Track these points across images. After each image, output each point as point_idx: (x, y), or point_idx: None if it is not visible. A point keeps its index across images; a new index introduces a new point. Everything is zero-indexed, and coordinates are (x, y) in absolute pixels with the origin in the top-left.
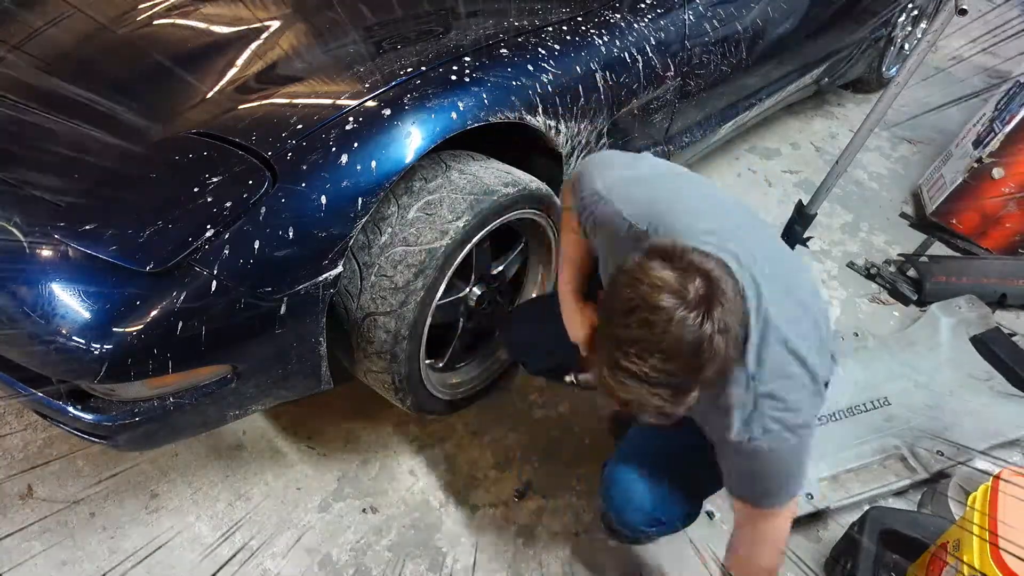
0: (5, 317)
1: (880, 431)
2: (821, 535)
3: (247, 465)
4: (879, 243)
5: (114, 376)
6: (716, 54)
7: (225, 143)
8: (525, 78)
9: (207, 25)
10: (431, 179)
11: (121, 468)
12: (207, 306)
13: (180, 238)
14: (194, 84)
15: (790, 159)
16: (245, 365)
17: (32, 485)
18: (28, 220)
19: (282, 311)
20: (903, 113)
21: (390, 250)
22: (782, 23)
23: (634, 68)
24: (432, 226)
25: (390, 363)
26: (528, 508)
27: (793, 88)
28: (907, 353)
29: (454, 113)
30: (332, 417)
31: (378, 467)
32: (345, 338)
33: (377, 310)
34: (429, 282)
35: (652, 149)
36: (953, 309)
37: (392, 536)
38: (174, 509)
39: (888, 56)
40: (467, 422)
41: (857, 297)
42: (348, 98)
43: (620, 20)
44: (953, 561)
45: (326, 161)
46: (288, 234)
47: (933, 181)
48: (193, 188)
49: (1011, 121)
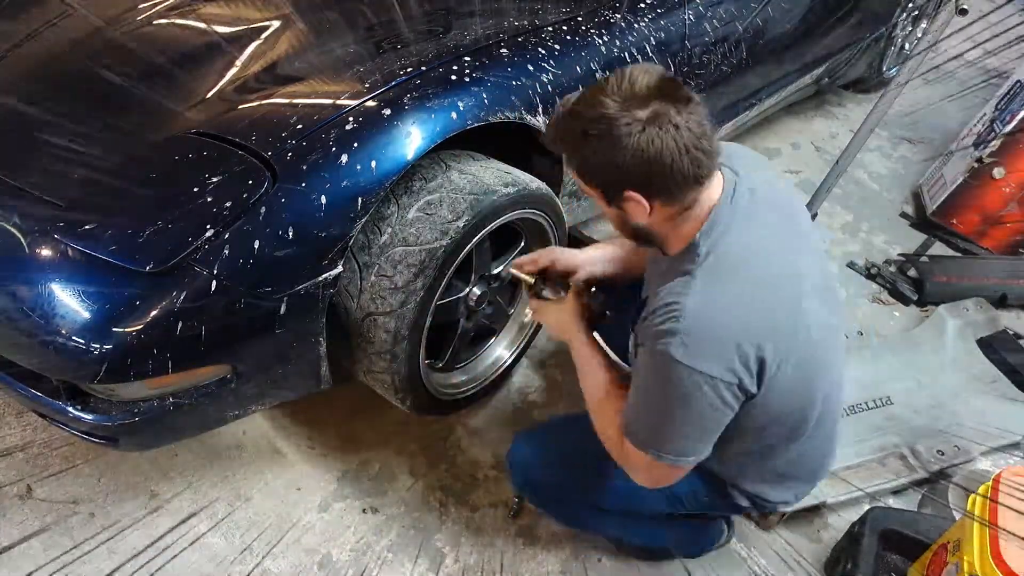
0: (5, 317)
1: (881, 430)
2: (821, 535)
3: (247, 465)
4: (879, 243)
5: (114, 376)
6: (716, 54)
7: (225, 143)
8: (525, 78)
9: (207, 25)
10: (431, 179)
11: (121, 468)
12: (207, 306)
13: (180, 238)
14: (194, 84)
15: (790, 159)
16: (245, 365)
17: (32, 485)
18: (28, 220)
19: (282, 311)
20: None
21: (390, 250)
22: (782, 23)
23: None
24: (432, 226)
25: (390, 363)
26: (528, 508)
27: (793, 88)
28: (911, 353)
29: (454, 113)
30: (332, 417)
31: (378, 467)
32: (345, 338)
33: (377, 310)
34: (429, 282)
35: None
36: (960, 311)
37: (392, 536)
38: (174, 509)
39: (888, 56)
40: (467, 422)
41: (858, 297)
42: (348, 98)
43: (620, 20)
44: (953, 561)
45: (326, 161)
46: (288, 234)
47: (933, 181)
48: (193, 188)
49: (1011, 121)
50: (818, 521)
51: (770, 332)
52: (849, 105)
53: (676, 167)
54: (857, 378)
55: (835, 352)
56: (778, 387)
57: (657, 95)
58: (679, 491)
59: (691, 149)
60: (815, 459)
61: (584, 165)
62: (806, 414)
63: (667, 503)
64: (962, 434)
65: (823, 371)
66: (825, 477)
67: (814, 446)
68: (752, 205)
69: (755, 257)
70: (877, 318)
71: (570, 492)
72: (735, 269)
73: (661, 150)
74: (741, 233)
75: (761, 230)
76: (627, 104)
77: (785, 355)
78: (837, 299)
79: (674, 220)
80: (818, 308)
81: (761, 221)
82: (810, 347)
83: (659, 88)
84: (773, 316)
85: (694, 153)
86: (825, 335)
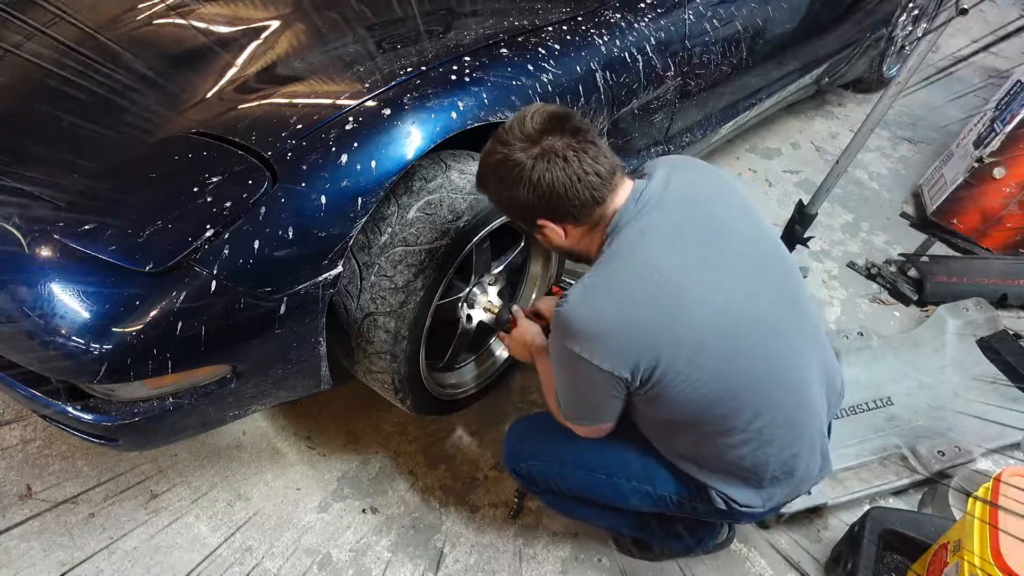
0: (5, 317)
1: (881, 430)
2: (821, 535)
3: (247, 465)
4: (880, 243)
5: (113, 376)
6: (716, 54)
7: (225, 143)
8: (525, 78)
9: (207, 25)
10: (431, 179)
11: (121, 468)
12: (207, 306)
13: (180, 238)
14: (194, 84)
15: (790, 159)
16: (245, 365)
17: (31, 485)
18: (28, 220)
19: (282, 311)
20: (904, 113)
21: (390, 250)
22: (782, 23)
23: (634, 68)
24: (432, 226)
25: (390, 363)
26: (528, 508)
27: (793, 88)
28: (912, 354)
29: (454, 113)
30: (332, 417)
31: (378, 467)
32: (345, 338)
33: (377, 310)
34: (429, 282)
35: (652, 149)
36: (960, 311)
37: (392, 536)
38: (174, 509)
39: (888, 56)
40: (467, 422)
41: (858, 297)
42: (348, 98)
43: (620, 20)
44: (954, 561)
45: (326, 161)
46: (288, 234)
47: (934, 181)
48: (193, 188)
49: (1012, 121)
50: (818, 521)
51: (641, 321)
52: (849, 105)
53: (571, 194)
54: (857, 379)
55: (764, 344)
56: (673, 376)
57: (544, 132)
58: (663, 491)
59: (582, 176)
60: (775, 461)
61: (500, 204)
62: (726, 408)
63: (652, 503)
64: (962, 434)
65: (739, 361)
66: (812, 483)
67: (762, 444)
68: (654, 207)
69: (637, 251)
70: (877, 318)
71: (558, 482)
72: (615, 260)
73: (552, 182)
74: (631, 231)
75: (654, 227)
76: (520, 145)
77: (665, 343)
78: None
79: (589, 235)
80: (726, 303)
81: (656, 219)
82: (707, 337)
83: (546, 125)
84: (646, 305)
85: (586, 179)
86: (742, 324)
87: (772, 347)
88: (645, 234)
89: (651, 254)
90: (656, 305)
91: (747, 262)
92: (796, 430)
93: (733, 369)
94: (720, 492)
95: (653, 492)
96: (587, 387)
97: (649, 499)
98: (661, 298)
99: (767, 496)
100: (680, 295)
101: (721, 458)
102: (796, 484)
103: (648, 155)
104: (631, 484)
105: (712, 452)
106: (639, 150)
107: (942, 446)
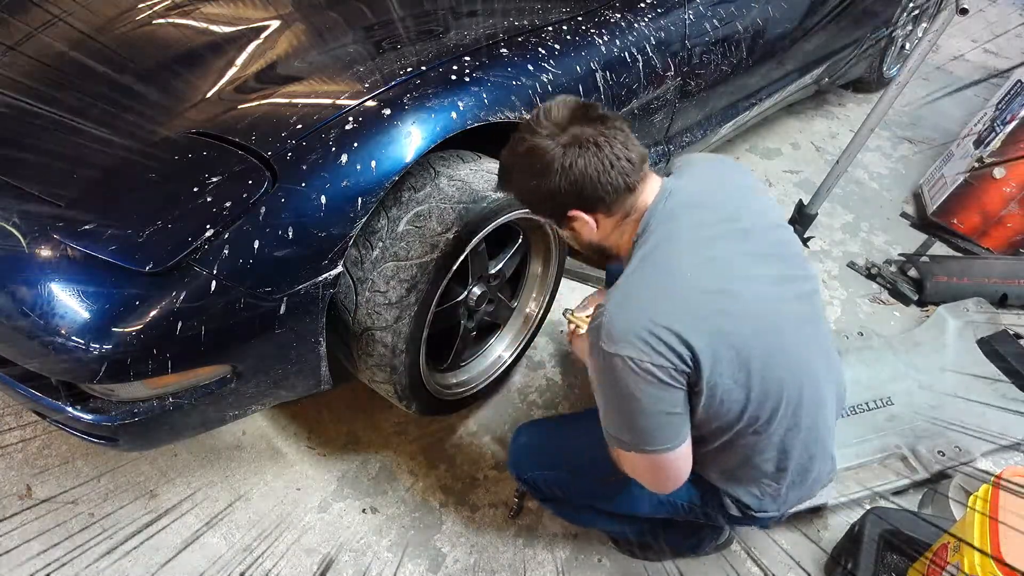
0: (5, 317)
1: (882, 430)
2: (821, 535)
3: (247, 465)
4: (880, 243)
5: (113, 376)
6: (716, 54)
7: (225, 143)
8: (525, 78)
9: (207, 25)
10: (419, 188)
11: (121, 468)
12: (207, 306)
13: (180, 238)
14: (194, 84)
15: (790, 159)
16: (245, 365)
17: (31, 485)
18: (28, 220)
19: (282, 311)
20: (904, 113)
21: (382, 265)
22: (782, 23)
23: (634, 68)
24: (422, 240)
25: (390, 375)
26: (528, 509)
27: (793, 88)
28: (912, 354)
29: (454, 113)
30: (332, 417)
31: (378, 467)
32: (345, 339)
33: (373, 325)
34: (423, 296)
35: (652, 149)
36: (960, 311)
37: (392, 536)
38: (173, 509)
39: (889, 56)
40: (467, 422)
41: (858, 297)
42: (348, 98)
43: (620, 20)
44: (954, 561)
45: (326, 161)
46: (288, 234)
47: (934, 181)
48: (193, 188)
49: (1012, 121)
50: (818, 521)
51: (682, 314)
52: (849, 105)
53: (604, 179)
54: (858, 378)
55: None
56: (718, 378)
57: (573, 121)
58: (676, 498)
59: (615, 162)
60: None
61: (527, 196)
62: (765, 409)
63: (664, 509)
64: (963, 434)
65: (774, 364)
66: (821, 486)
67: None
68: (683, 206)
69: (672, 248)
70: (877, 318)
71: (566, 490)
72: (651, 262)
73: (585, 168)
74: (663, 231)
75: (685, 227)
76: (548, 133)
77: (711, 336)
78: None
79: (620, 228)
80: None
81: (687, 219)
82: (746, 339)
83: (573, 114)
84: (690, 303)
85: (619, 164)
86: (775, 323)
87: (802, 351)
88: (678, 237)
89: (685, 258)
90: (699, 305)
91: (775, 263)
92: (815, 432)
93: (770, 373)
94: (735, 498)
95: (666, 499)
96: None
97: (661, 506)
98: (702, 300)
99: (782, 500)
100: (719, 299)
101: (747, 462)
102: (808, 487)
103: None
104: (645, 491)
105: (737, 456)
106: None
107: (942, 446)
